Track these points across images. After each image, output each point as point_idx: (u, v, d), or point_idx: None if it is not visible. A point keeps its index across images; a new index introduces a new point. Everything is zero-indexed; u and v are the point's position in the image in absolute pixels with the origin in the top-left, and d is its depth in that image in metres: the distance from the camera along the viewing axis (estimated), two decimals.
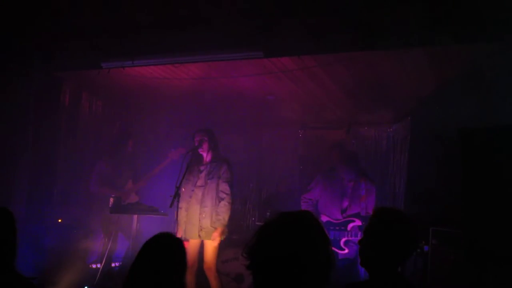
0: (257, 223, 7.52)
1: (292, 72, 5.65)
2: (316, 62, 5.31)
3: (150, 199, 6.40)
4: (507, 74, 4.43)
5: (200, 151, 5.73)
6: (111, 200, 5.77)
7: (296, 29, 4.79)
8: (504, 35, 4.02)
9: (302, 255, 1.68)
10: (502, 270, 3.50)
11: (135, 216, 5.72)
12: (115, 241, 6.32)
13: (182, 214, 5.62)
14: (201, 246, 5.72)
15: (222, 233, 5.60)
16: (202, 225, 5.56)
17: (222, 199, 5.62)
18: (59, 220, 6.43)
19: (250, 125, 8.61)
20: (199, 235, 5.57)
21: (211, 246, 5.58)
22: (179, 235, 5.61)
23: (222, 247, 6.17)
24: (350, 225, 5.48)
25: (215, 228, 5.51)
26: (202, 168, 5.76)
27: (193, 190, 5.68)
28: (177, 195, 5.37)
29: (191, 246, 5.58)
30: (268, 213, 7.21)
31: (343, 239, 5.47)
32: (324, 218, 5.63)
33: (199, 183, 5.70)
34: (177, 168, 5.57)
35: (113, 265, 6.48)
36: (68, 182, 6.81)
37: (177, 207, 5.52)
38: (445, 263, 4.89)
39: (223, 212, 5.57)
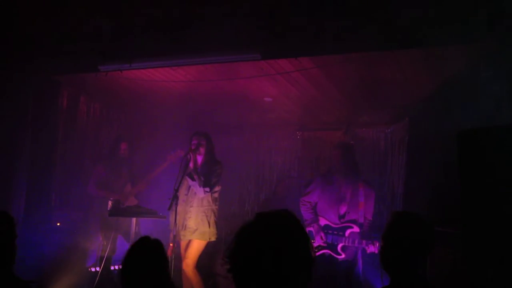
0: None
1: (289, 73, 5.65)
2: (313, 64, 5.31)
3: (149, 202, 6.41)
4: (504, 74, 4.44)
5: (198, 154, 5.75)
6: (110, 203, 5.78)
7: (293, 30, 4.79)
8: (499, 35, 4.03)
9: (281, 253, 1.67)
10: (501, 271, 3.50)
11: (134, 219, 5.72)
12: (114, 244, 6.33)
13: (179, 218, 5.66)
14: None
15: (211, 235, 5.63)
16: (187, 225, 5.61)
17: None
18: (58, 224, 6.43)
19: (248, 127, 8.61)
20: (183, 235, 5.63)
21: (196, 245, 5.62)
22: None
23: (218, 248, 6.17)
24: (348, 231, 5.47)
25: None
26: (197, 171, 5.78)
27: (186, 194, 5.71)
28: (175, 198, 5.38)
29: (183, 246, 5.66)
30: None
31: (340, 245, 5.46)
32: (322, 222, 5.62)
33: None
34: (176, 170, 5.58)
35: (112, 268, 6.47)
36: (66, 185, 6.81)
37: (176, 211, 5.54)
38: (444, 264, 4.89)
39: None
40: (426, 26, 4.29)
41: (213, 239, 5.74)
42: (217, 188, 5.80)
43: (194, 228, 5.62)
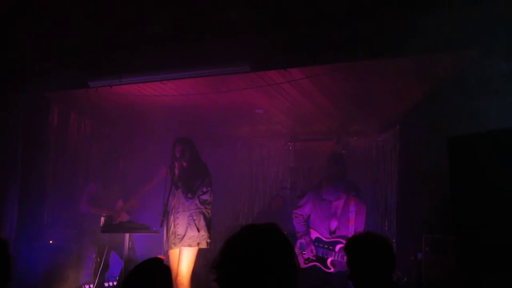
0: None
1: (279, 85, 5.67)
2: (303, 75, 5.33)
3: (141, 217, 6.38)
4: (492, 80, 4.47)
5: (182, 161, 5.68)
6: (102, 219, 5.74)
7: (282, 42, 4.81)
8: (486, 40, 4.06)
9: (263, 263, 1.68)
10: (495, 277, 3.51)
11: (127, 235, 5.68)
12: (107, 260, 6.28)
13: (169, 227, 5.61)
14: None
15: (201, 239, 5.54)
16: (176, 232, 5.50)
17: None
18: (51, 241, 6.38)
19: (240, 139, 8.62)
20: (174, 243, 5.51)
21: (186, 254, 5.48)
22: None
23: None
24: (338, 247, 5.44)
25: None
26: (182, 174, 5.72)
27: (172, 200, 5.65)
28: (166, 214, 5.33)
29: (173, 256, 5.55)
30: None
31: (330, 259, 5.44)
32: (314, 234, 5.61)
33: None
34: (167, 185, 5.56)
35: (106, 284, 6.43)
36: (58, 202, 6.77)
37: (167, 224, 5.50)
38: (439, 270, 4.90)
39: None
40: (413, 34, 4.31)
41: (203, 245, 5.50)
42: (205, 189, 5.60)
43: (182, 234, 5.46)
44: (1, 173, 5.88)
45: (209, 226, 5.59)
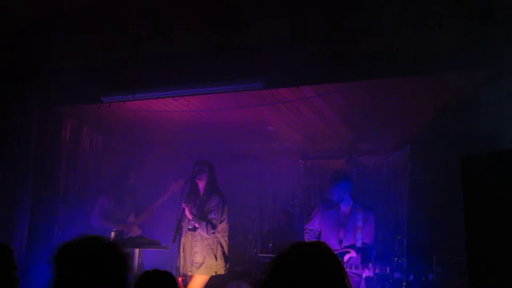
0: (259, 254, 7.47)
1: (291, 102, 5.68)
2: (315, 92, 5.33)
3: (152, 232, 6.37)
4: (504, 100, 4.45)
5: (198, 180, 5.73)
6: (112, 234, 5.74)
7: (295, 59, 4.83)
8: (497, 61, 4.06)
9: (317, 281, 1.66)
10: None
11: (137, 250, 5.68)
12: None
13: (186, 252, 5.63)
14: None
15: (218, 268, 5.58)
16: (194, 260, 5.54)
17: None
18: None
19: (250, 156, 8.62)
20: (191, 270, 5.54)
21: (198, 280, 5.55)
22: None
23: (225, 281, 6.09)
24: (347, 257, 5.39)
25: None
26: (198, 201, 5.78)
27: (190, 227, 5.69)
28: (179, 229, 5.34)
29: (187, 281, 5.59)
30: (270, 245, 7.16)
31: None
32: None
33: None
34: (182, 198, 5.60)
35: None
36: (69, 217, 6.78)
37: (180, 242, 5.51)
38: None
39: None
40: (427, 53, 4.32)
41: (220, 272, 5.63)
42: (213, 215, 5.69)
43: (200, 262, 5.55)
44: (13, 186, 5.91)
45: (225, 255, 5.71)
